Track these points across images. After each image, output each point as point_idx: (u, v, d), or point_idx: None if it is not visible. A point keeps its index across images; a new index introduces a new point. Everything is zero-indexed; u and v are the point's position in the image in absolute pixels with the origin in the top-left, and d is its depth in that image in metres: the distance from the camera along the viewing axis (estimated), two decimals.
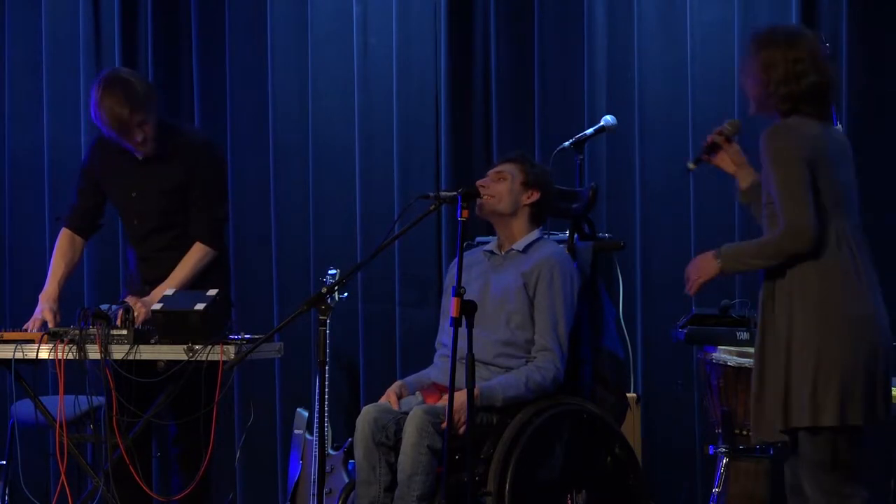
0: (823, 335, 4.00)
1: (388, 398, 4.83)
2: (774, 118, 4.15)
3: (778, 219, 4.04)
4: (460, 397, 4.42)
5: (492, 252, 5.05)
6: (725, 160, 4.34)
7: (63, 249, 5.39)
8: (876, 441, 4.60)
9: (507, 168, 5.00)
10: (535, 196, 4.99)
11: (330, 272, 6.10)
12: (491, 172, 5.03)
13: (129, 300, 5.10)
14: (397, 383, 4.93)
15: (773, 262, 4.08)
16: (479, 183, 4.95)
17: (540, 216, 5.04)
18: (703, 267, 4.17)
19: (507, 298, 4.87)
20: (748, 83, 4.19)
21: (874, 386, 4.02)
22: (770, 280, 4.10)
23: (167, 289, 5.08)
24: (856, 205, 4.15)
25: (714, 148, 4.34)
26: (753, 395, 4.13)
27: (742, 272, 4.16)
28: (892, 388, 4.12)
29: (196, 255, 5.27)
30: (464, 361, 4.37)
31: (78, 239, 5.42)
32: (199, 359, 4.77)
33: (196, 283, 5.20)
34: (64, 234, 5.41)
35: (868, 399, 4.00)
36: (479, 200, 4.88)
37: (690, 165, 4.39)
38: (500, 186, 4.97)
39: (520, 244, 4.98)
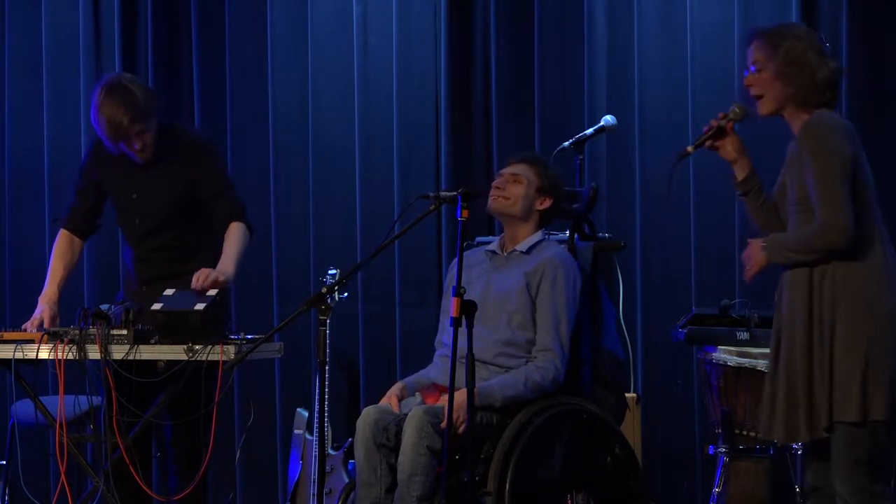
0: (871, 330, 3.96)
1: (389, 400, 4.82)
2: (795, 116, 4.08)
3: (813, 215, 3.99)
4: (459, 396, 4.41)
5: (494, 252, 5.04)
6: (727, 147, 4.21)
7: (62, 251, 5.36)
8: None
9: (523, 171, 4.96)
10: (548, 203, 4.96)
11: (330, 272, 6.09)
12: (506, 172, 4.99)
13: (200, 272, 5.03)
14: (398, 385, 4.91)
15: (808, 257, 4.01)
16: (494, 184, 4.94)
17: (547, 220, 5.02)
18: (754, 256, 4.10)
19: (509, 298, 4.86)
20: (771, 83, 4.07)
21: None
22: (806, 276, 4.03)
23: (228, 262, 5.09)
24: None
25: (720, 133, 4.20)
26: (784, 396, 4.05)
27: (786, 264, 4.09)
28: None
29: (236, 231, 5.23)
30: (464, 361, 4.37)
31: (77, 240, 5.40)
32: (199, 359, 4.77)
33: None
34: (62, 236, 5.38)
35: None
36: (490, 199, 4.89)
37: (689, 149, 4.21)
38: (516, 189, 4.94)
39: (523, 245, 4.96)
